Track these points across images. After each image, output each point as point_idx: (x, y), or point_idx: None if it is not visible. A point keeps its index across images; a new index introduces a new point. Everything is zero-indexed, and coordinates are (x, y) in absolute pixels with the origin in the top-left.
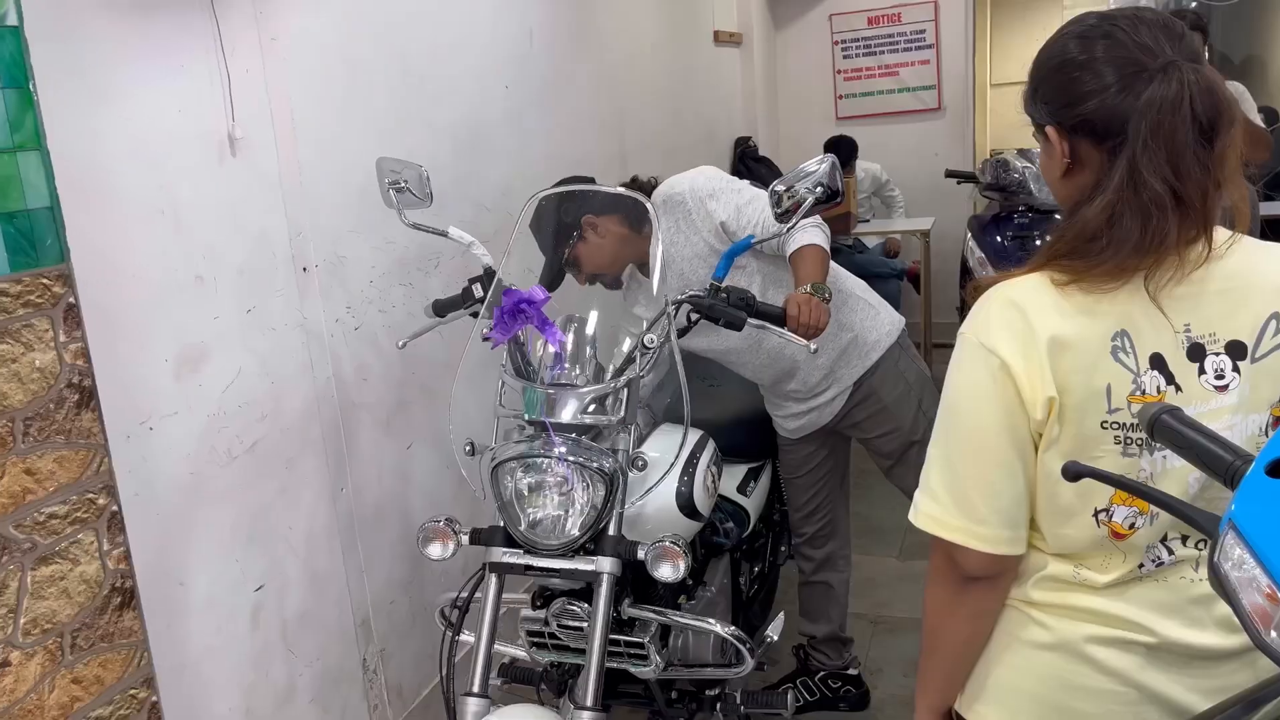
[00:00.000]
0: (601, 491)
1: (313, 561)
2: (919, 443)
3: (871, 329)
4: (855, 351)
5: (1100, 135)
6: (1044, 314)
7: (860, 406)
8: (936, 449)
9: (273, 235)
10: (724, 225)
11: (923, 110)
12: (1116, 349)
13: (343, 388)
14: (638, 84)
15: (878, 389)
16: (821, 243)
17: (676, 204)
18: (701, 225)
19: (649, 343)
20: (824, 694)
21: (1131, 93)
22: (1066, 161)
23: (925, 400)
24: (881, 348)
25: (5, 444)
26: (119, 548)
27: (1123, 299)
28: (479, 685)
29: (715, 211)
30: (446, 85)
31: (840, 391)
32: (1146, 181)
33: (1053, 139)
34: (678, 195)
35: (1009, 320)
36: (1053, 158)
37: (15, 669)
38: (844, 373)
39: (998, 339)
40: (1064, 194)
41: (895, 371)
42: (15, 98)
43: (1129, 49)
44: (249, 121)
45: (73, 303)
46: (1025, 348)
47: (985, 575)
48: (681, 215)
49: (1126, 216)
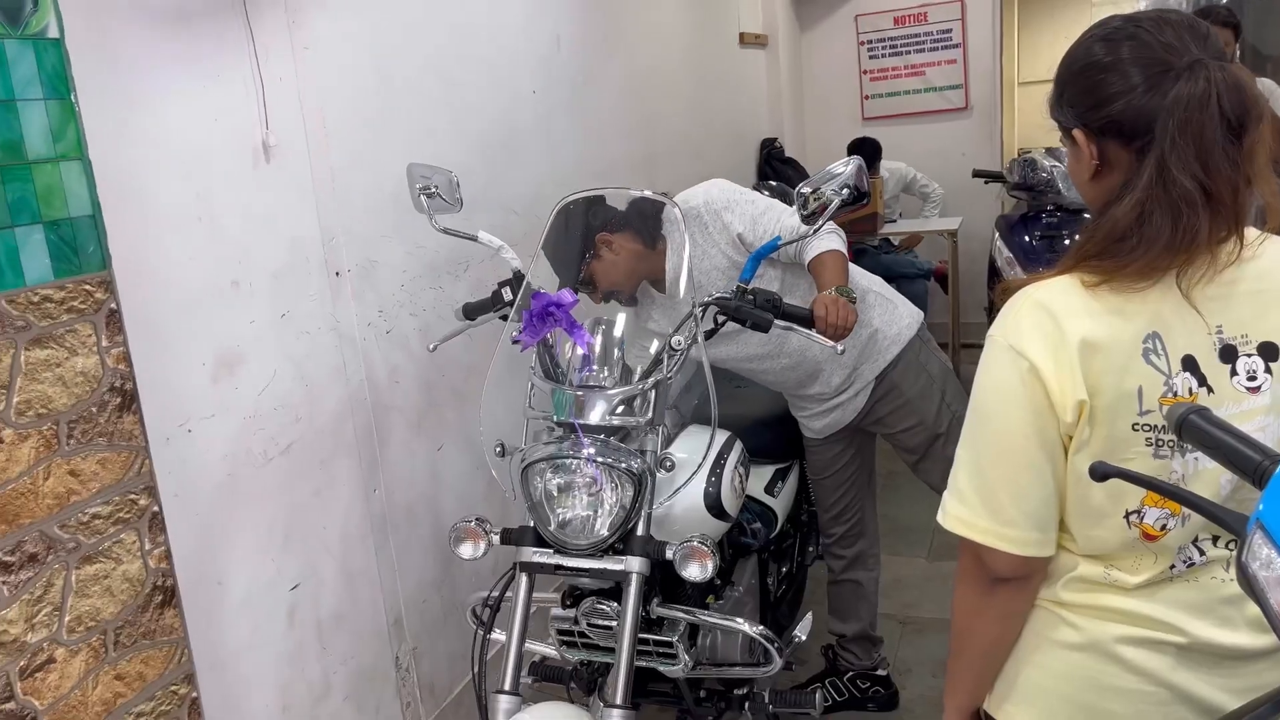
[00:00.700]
0: (630, 492)
1: (347, 561)
2: (944, 436)
3: (891, 323)
4: (875, 347)
5: (1128, 136)
6: (1074, 316)
7: (883, 401)
8: (965, 451)
9: (306, 240)
10: (740, 237)
11: (949, 110)
12: (1148, 351)
13: (375, 390)
14: (664, 87)
15: (899, 383)
16: (840, 247)
17: (692, 218)
18: (718, 238)
19: (676, 345)
20: (853, 694)
21: (1158, 92)
22: (1095, 164)
23: (948, 393)
24: (902, 341)
25: (50, 446)
26: (160, 547)
27: (1154, 299)
28: (510, 683)
29: (731, 224)
30: (475, 91)
31: (863, 388)
32: (1176, 178)
33: (1080, 142)
34: (692, 209)
35: (1038, 322)
36: (1081, 161)
37: (60, 665)
38: (865, 369)
39: (1027, 341)
40: (1093, 196)
41: (917, 364)
42: (57, 109)
43: (1154, 49)
44: (282, 129)
45: (114, 308)
46: (1055, 350)
47: (1014, 577)
48: (698, 229)
49: (1157, 214)
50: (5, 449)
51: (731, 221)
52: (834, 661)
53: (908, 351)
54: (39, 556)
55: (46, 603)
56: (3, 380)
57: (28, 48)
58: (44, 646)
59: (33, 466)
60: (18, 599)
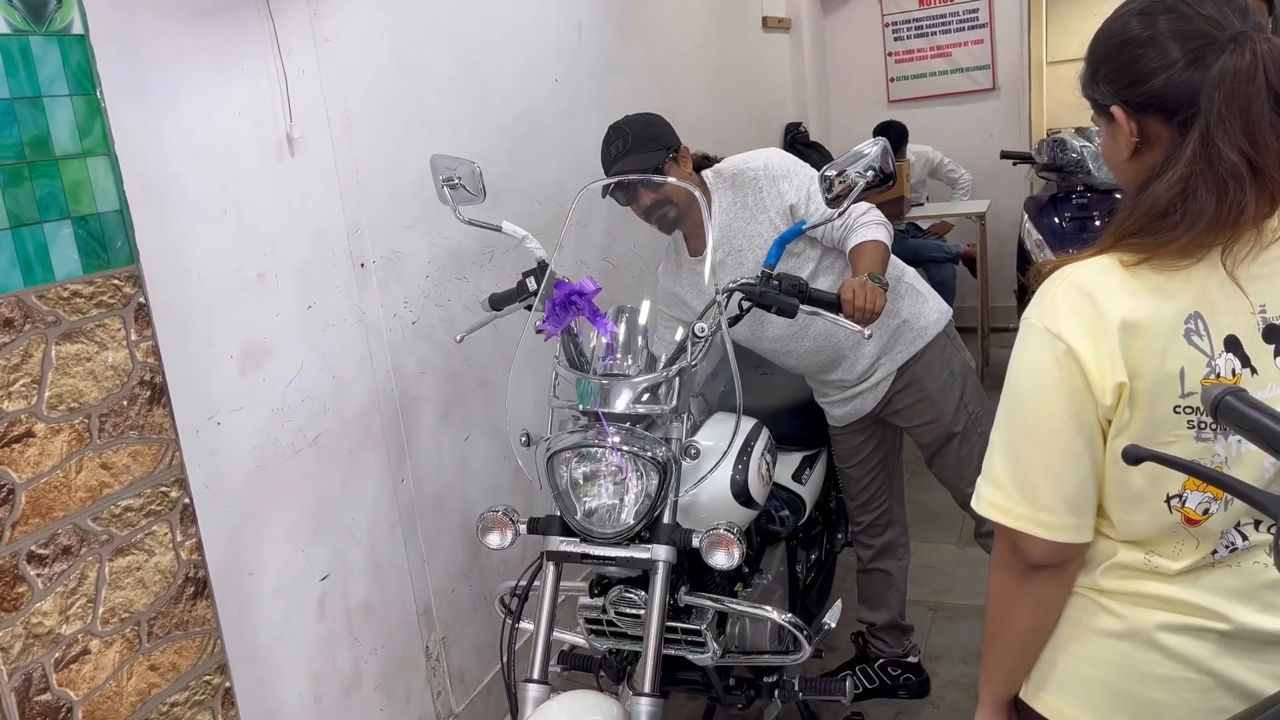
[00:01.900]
0: (655, 480)
1: (375, 552)
2: (959, 435)
3: (919, 315)
4: (902, 337)
5: (1170, 111)
6: (1113, 296)
7: (903, 393)
8: (1000, 435)
9: (331, 233)
10: (793, 208)
11: (977, 91)
12: (1190, 331)
13: (401, 381)
14: (687, 73)
15: (921, 376)
16: (884, 239)
17: (747, 180)
18: (770, 205)
19: (700, 332)
20: (883, 681)
21: (1201, 66)
22: (1135, 141)
23: (968, 392)
24: (928, 335)
25: (82, 439)
26: (191, 538)
27: (1197, 277)
28: (539, 672)
29: (786, 193)
30: (497, 80)
31: (885, 377)
32: (1222, 153)
33: (1119, 119)
34: (750, 172)
35: (1075, 304)
36: (1118, 139)
37: (95, 656)
38: (889, 359)
39: (1064, 324)
40: (1130, 175)
41: (940, 359)
42: (84, 104)
43: (1195, 22)
44: (306, 122)
45: (143, 303)
46: (1094, 333)
47: (1050, 563)
48: (751, 192)
49: (1201, 190)
50: (38, 443)
51: (787, 191)
52: (864, 649)
53: (933, 345)
54: (72, 549)
55: (80, 595)
56: (34, 375)
57: (53, 44)
58: (78, 638)
59: (65, 460)
60: (52, 591)
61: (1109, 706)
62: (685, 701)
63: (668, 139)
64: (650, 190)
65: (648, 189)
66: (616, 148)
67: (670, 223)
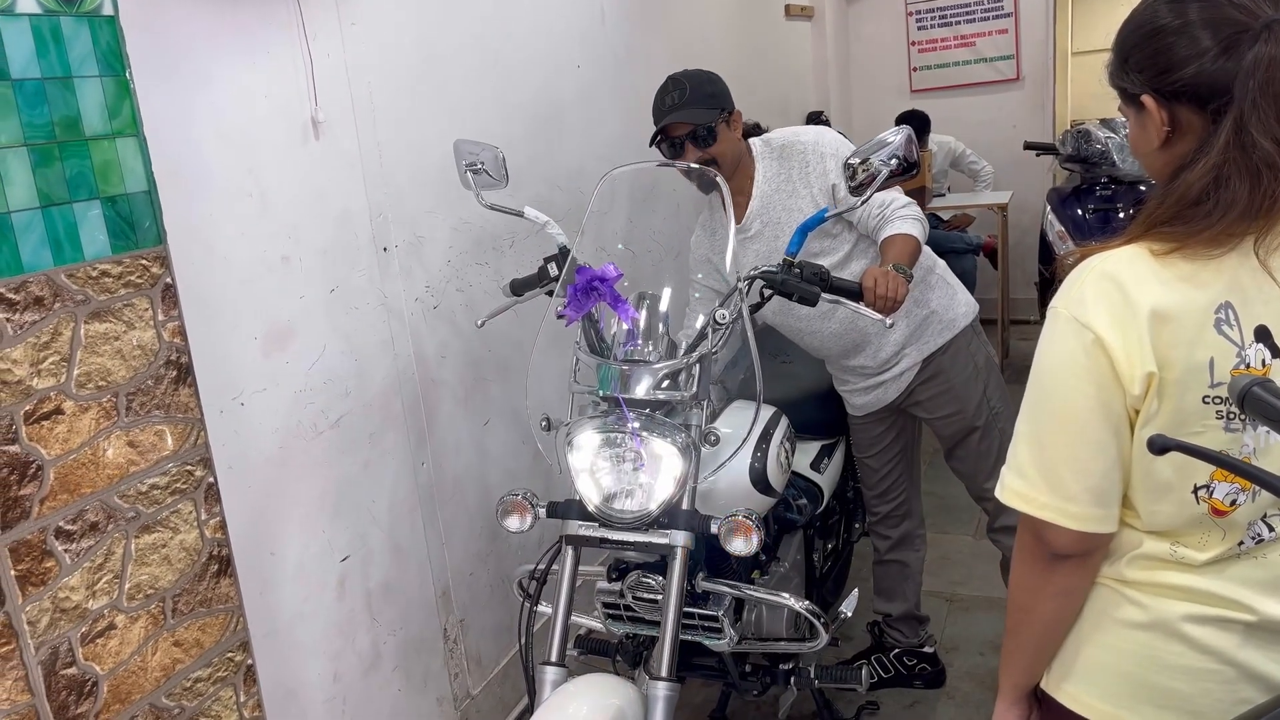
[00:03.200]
0: (680, 466)
1: (395, 534)
2: (980, 430)
3: (948, 308)
4: (930, 328)
5: (1203, 99)
6: (1143, 285)
7: (926, 385)
8: (1025, 425)
9: (354, 216)
10: (834, 189)
11: (1000, 81)
12: (1220, 321)
13: (423, 365)
14: (709, 60)
15: (946, 369)
16: (916, 234)
17: (795, 153)
18: (815, 181)
19: (720, 319)
20: (899, 671)
21: (1234, 54)
22: (1166, 130)
23: (991, 387)
24: (955, 328)
25: (110, 417)
26: (215, 517)
27: (1229, 266)
28: (557, 655)
29: (831, 172)
30: (520, 66)
31: (909, 368)
32: (1256, 141)
33: (1150, 108)
34: (800, 145)
35: (1104, 293)
36: (1147, 128)
37: (121, 631)
38: (914, 349)
39: (1092, 313)
40: (1159, 165)
41: (966, 353)
42: (113, 86)
43: (1225, 9)
44: (331, 105)
45: (170, 283)
46: (1123, 322)
47: (1074, 553)
48: (797, 165)
49: (1234, 178)
50: (67, 420)
51: (832, 170)
52: (880, 638)
53: (959, 339)
54: (100, 525)
55: (107, 570)
56: (64, 353)
57: (83, 25)
58: (104, 613)
59: (93, 438)
60: (79, 567)
61: (1131, 697)
62: (700, 687)
63: (724, 100)
64: (697, 148)
65: (695, 146)
66: (672, 98)
67: (711, 183)
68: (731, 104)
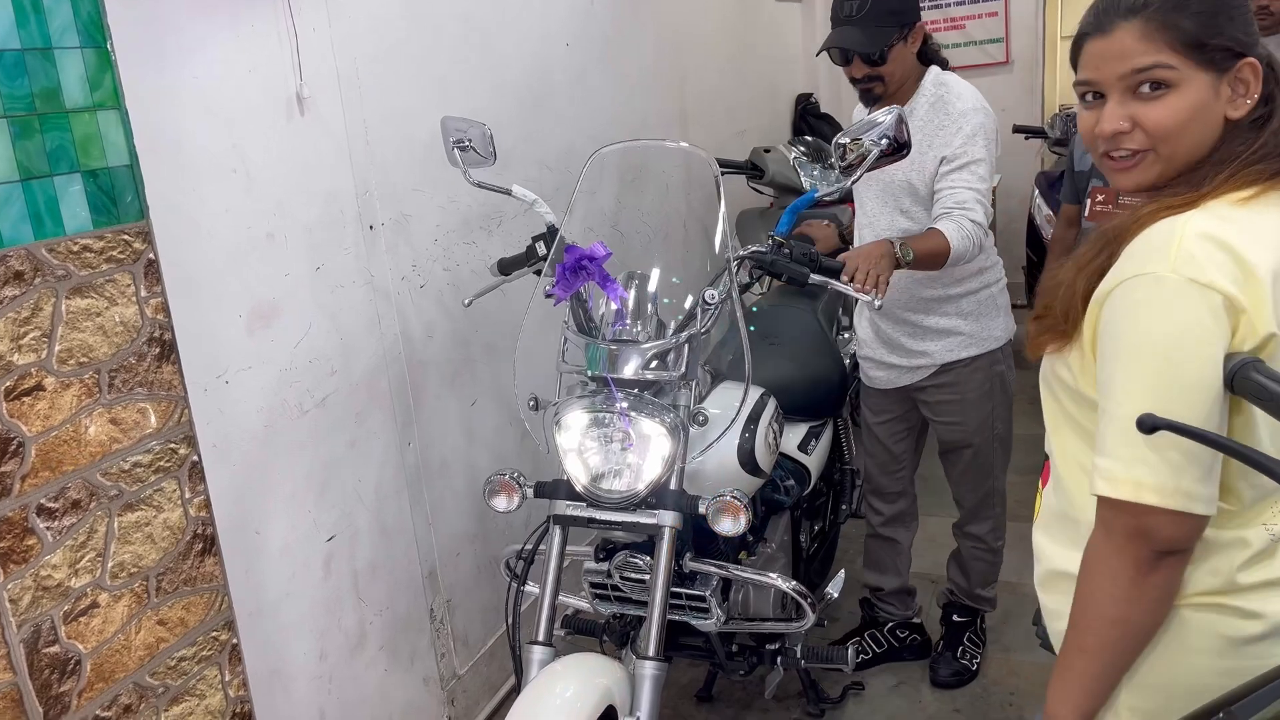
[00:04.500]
0: (669, 446)
1: (381, 513)
2: (975, 447)
3: (987, 326)
4: (964, 337)
5: None
6: (1252, 245)
7: (939, 388)
8: (1133, 406)
9: (340, 193)
10: (944, 160)
11: (989, 64)
12: None
13: (409, 344)
14: (698, 42)
15: (961, 380)
16: (952, 238)
17: (939, 108)
18: (938, 142)
19: (710, 299)
20: (890, 645)
21: None
22: (1256, 95)
23: (998, 410)
24: (984, 347)
25: (92, 394)
26: (199, 495)
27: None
28: (544, 634)
29: (950, 143)
30: (508, 43)
31: (928, 364)
32: None
33: (1253, 76)
34: (948, 105)
35: (1212, 253)
36: (1222, 97)
37: (104, 610)
38: (942, 348)
39: (1213, 273)
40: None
41: (987, 372)
42: (94, 57)
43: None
44: (316, 80)
45: (153, 259)
46: (1243, 282)
47: (1184, 547)
48: (939, 117)
49: None
50: (48, 396)
51: (952, 143)
52: (872, 614)
53: (984, 358)
54: (82, 503)
55: (90, 549)
56: (45, 329)
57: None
58: (88, 592)
59: (75, 414)
60: (62, 545)
61: None
62: (687, 667)
63: (906, 14)
64: (865, 64)
65: (864, 62)
66: (850, 8)
67: (873, 98)
68: (916, 15)
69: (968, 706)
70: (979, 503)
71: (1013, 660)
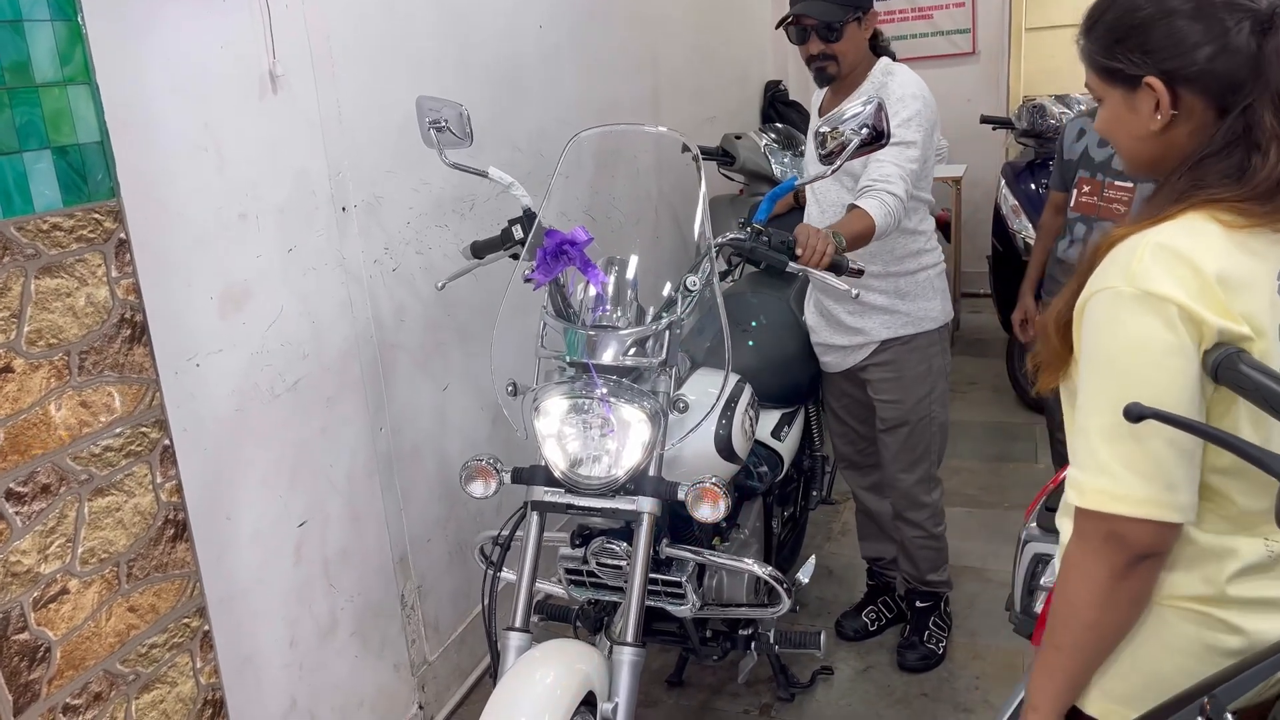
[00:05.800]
0: (649, 433)
1: (353, 499)
2: (910, 426)
3: (925, 308)
4: (902, 316)
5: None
6: (1205, 253)
7: (879, 366)
8: (1101, 419)
9: (313, 174)
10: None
11: (956, 55)
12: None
13: (381, 328)
14: (669, 27)
15: (899, 359)
16: (876, 217)
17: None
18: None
19: (690, 285)
20: (901, 610)
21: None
22: (1172, 113)
23: (935, 392)
24: (921, 326)
25: (61, 376)
26: (171, 480)
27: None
28: (521, 621)
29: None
30: (481, 24)
31: (866, 343)
32: None
33: (1157, 90)
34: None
35: (1166, 263)
36: (1139, 112)
37: (74, 596)
38: (880, 324)
39: (1167, 285)
40: (1150, 151)
41: (923, 352)
42: (64, 30)
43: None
44: (289, 59)
45: (124, 238)
46: (1201, 291)
47: (1160, 551)
48: None
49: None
50: (16, 379)
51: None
52: (883, 581)
53: (921, 337)
54: (51, 488)
55: (59, 534)
56: (13, 309)
57: None
58: (57, 578)
59: (44, 397)
60: (31, 530)
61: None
62: (659, 653)
63: (862, 1)
64: (820, 40)
65: (819, 39)
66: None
67: (826, 77)
68: (870, 4)
69: (934, 690)
70: (915, 485)
71: (979, 644)
